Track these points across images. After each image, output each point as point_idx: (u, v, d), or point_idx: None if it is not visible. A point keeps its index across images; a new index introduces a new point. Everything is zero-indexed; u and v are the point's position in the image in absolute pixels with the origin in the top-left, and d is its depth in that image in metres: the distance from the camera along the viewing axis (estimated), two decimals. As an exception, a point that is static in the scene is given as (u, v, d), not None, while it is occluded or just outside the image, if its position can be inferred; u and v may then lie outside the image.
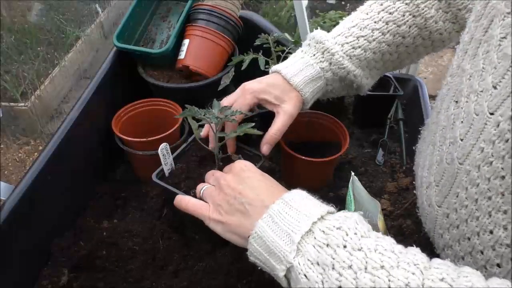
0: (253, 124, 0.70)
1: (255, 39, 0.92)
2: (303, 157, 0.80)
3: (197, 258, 0.75)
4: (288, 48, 0.94)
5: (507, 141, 0.45)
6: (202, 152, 0.77)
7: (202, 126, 0.76)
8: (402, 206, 0.85)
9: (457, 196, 0.55)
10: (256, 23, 1.10)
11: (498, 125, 0.46)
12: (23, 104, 2.11)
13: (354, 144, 1.01)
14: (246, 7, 2.70)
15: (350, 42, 0.75)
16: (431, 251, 0.77)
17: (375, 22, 0.75)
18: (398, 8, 0.74)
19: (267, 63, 0.93)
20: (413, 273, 0.44)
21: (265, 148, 0.73)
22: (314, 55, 0.76)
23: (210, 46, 1.00)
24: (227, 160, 0.74)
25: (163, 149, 0.72)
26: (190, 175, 0.72)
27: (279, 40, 0.99)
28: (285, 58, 0.95)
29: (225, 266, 0.72)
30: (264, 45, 0.93)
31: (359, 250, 0.46)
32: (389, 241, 0.49)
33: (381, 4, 0.76)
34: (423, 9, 0.73)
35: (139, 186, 0.89)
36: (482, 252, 0.52)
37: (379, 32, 0.74)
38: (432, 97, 0.75)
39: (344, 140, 0.85)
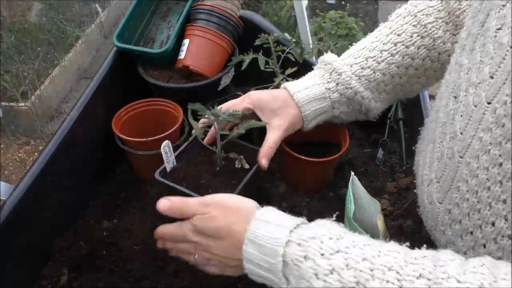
0: (253, 122, 0.71)
1: (255, 39, 0.92)
2: (303, 157, 0.80)
3: (197, 258, 0.75)
4: (289, 48, 0.94)
5: (503, 126, 0.46)
6: (203, 151, 0.77)
7: (206, 128, 0.77)
8: (402, 206, 0.85)
9: (458, 190, 0.55)
10: (256, 23, 1.10)
11: (495, 112, 0.47)
12: (23, 104, 2.11)
13: (354, 144, 1.01)
14: (246, 7, 2.69)
15: (359, 62, 0.76)
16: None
17: (383, 44, 0.75)
18: (406, 29, 0.74)
19: (267, 63, 0.93)
20: (395, 257, 0.46)
21: (263, 161, 0.73)
22: (322, 76, 0.77)
23: (210, 46, 1.00)
24: (229, 160, 0.74)
25: (166, 146, 0.72)
26: (192, 174, 0.73)
27: (279, 40, 0.99)
28: (285, 58, 0.95)
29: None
30: (264, 45, 0.93)
31: (337, 252, 0.47)
32: (365, 237, 0.50)
33: (390, 28, 0.76)
34: (430, 29, 0.73)
35: (139, 186, 0.89)
36: (484, 246, 0.52)
37: (388, 53, 0.74)
38: (432, 97, 0.75)
39: (344, 140, 0.85)
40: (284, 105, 0.75)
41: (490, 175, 0.49)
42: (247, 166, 0.74)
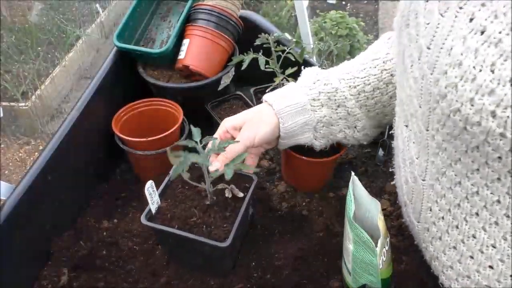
0: (246, 155, 0.69)
1: (255, 39, 0.92)
2: (303, 157, 0.80)
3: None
4: (289, 48, 0.94)
5: (445, 150, 0.50)
6: (187, 184, 0.74)
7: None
8: (402, 206, 0.85)
9: (430, 210, 0.58)
10: (256, 23, 1.10)
11: (434, 138, 0.51)
12: (23, 103, 2.11)
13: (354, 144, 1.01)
14: (246, 7, 2.69)
15: (339, 69, 0.76)
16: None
17: (362, 60, 0.75)
18: (381, 49, 0.75)
19: (267, 63, 0.93)
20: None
21: (214, 164, 0.69)
22: (298, 81, 0.77)
23: (210, 46, 1.00)
24: (220, 193, 0.72)
25: (149, 188, 0.67)
26: (180, 212, 0.69)
27: (280, 40, 0.99)
28: (285, 58, 0.95)
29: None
30: (264, 45, 0.93)
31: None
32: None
33: (368, 49, 0.78)
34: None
35: (139, 186, 0.89)
36: (472, 257, 0.54)
37: (367, 65, 0.74)
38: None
39: (344, 140, 0.85)
40: (255, 112, 0.75)
41: (455, 193, 0.52)
42: (240, 194, 0.71)
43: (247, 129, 0.72)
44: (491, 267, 0.52)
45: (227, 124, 0.74)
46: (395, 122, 0.66)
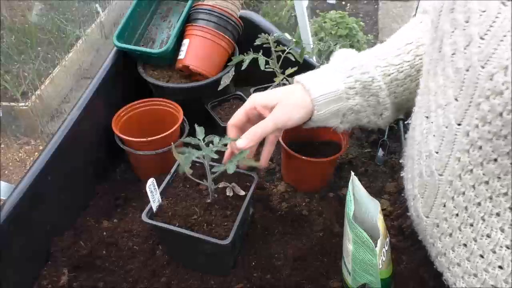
0: (247, 152, 0.69)
1: (255, 39, 0.92)
2: (303, 157, 0.80)
3: (197, 258, 0.75)
4: (289, 48, 0.94)
5: (480, 148, 0.48)
6: (187, 183, 0.74)
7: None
8: (402, 206, 0.85)
9: (444, 206, 0.56)
10: (256, 23, 1.10)
11: (468, 135, 0.48)
12: (23, 103, 2.11)
13: (354, 144, 1.01)
14: (246, 7, 2.69)
15: (375, 53, 0.73)
16: (428, 253, 0.77)
17: (396, 45, 0.72)
18: (415, 34, 0.72)
19: (267, 63, 0.93)
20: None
21: (240, 140, 0.67)
22: (333, 64, 0.74)
23: (210, 46, 1.00)
24: (221, 192, 0.72)
25: (151, 185, 0.67)
26: (181, 210, 0.70)
27: (279, 40, 0.99)
28: (285, 58, 0.95)
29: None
30: (264, 45, 0.93)
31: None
32: None
33: (399, 34, 0.75)
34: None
35: (139, 186, 0.89)
36: (482, 256, 0.53)
37: (401, 51, 0.71)
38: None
39: (344, 140, 0.85)
40: (288, 92, 0.70)
41: (477, 192, 0.50)
42: (242, 192, 0.71)
43: (281, 110, 0.69)
44: (500, 267, 0.51)
45: (258, 100, 0.71)
46: (413, 112, 0.64)
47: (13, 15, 2.64)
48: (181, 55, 1.00)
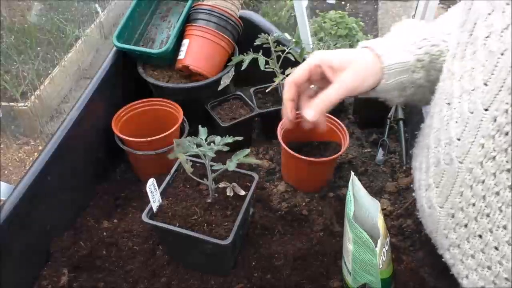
0: (248, 151, 0.69)
1: (255, 39, 0.92)
2: (303, 157, 0.80)
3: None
4: (289, 48, 0.94)
5: (507, 134, 0.46)
6: (188, 183, 0.74)
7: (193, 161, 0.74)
8: (402, 206, 0.85)
9: (461, 195, 0.55)
10: (256, 23, 1.10)
11: (495, 120, 0.47)
12: (23, 104, 2.10)
13: (354, 144, 1.01)
14: (246, 7, 2.69)
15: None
16: (430, 251, 0.77)
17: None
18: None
19: (267, 63, 0.93)
20: None
21: (306, 111, 0.63)
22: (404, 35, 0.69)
23: (210, 46, 1.00)
24: (221, 192, 0.72)
25: (151, 185, 0.67)
26: (181, 210, 0.70)
27: (279, 40, 0.99)
28: (285, 58, 0.95)
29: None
30: (264, 45, 0.93)
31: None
32: None
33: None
34: None
35: (139, 186, 0.89)
36: (497, 248, 0.52)
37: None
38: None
39: (344, 140, 0.85)
40: (357, 57, 0.65)
41: (498, 180, 0.49)
42: (242, 192, 0.71)
43: (351, 76, 0.63)
44: None
45: (323, 58, 0.65)
46: (433, 99, 0.63)
47: (12, 15, 2.64)
48: (181, 55, 1.00)
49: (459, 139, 0.54)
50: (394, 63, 0.64)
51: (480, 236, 0.54)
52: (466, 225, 0.56)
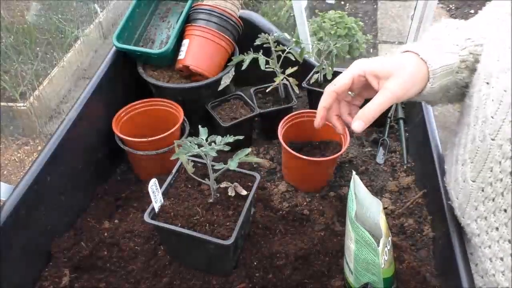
0: (249, 150, 0.68)
1: (255, 39, 0.92)
2: (304, 157, 0.80)
3: (198, 258, 0.75)
4: (289, 48, 0.94)
5: None
6: (189, 183, 0.74)
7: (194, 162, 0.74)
8: (404, 205, 0.85)
9: (491, 171, 0.58)
10: (256, 23, 1.10)
11: None
12: (22, 104, 2.10)
13: (354, 143, 1.01)
14: (245, 7, 2.69)
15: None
16: (429, 251, 0.77)
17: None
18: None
19: (267, 63, 0.93)
20: None
21: (356, 124, 0.64)
22: (447, 35, 0.69)
23: (210, 46, 1.00)
24: (222, 192, 0.72)
25: (153, 186, 0.67)
26: (183, 211, 0.69)
27: (279, 40, 0.99)
28: (285, 58, 0.95)
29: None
30: (264, 45, 0.93)
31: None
32: None
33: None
34: None
35: (140, 186, 0.89)
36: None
37: None
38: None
39: (344, 139, 0.85)
40: (401, 63, 0.64)
41: None
42: (244, 192, 0.71)
43: (398, 83, 0.63)
44: None
45: (366, 67, 0.65)
46: (472, 81, 0.63)
47: (11, 15, 2.64)
48: (181, 55, 1.00)
49: (492, 117, 0.56)
50: (440, 66, 0.64)
51: (505, 210, 0.57)
52: (493, 199, 0.59)
